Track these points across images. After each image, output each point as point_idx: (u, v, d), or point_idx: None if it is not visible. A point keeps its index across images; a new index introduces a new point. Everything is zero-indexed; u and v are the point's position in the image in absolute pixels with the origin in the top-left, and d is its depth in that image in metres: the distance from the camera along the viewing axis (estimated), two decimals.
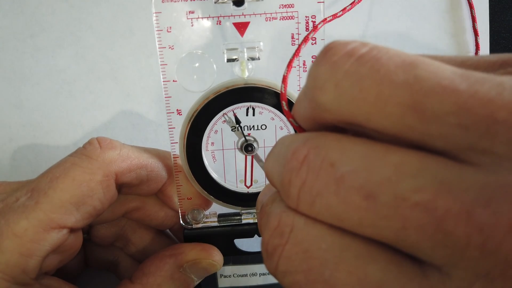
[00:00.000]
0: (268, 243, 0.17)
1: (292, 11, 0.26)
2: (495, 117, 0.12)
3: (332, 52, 0.15)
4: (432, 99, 0.13)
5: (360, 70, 0.14)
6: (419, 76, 0.13)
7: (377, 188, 0.14)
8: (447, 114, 0.13)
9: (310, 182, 0.15)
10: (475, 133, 0.13)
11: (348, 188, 0.14)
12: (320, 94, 0.15)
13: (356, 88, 0.14)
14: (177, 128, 0.28)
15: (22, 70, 0.38)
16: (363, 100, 0.14)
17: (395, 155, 0.14)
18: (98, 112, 0.38)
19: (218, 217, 0.31)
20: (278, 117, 0.28)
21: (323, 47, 0.16)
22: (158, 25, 0.26)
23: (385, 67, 0.14)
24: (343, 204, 0.14)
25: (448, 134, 0.13)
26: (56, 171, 0.26)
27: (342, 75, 0.14)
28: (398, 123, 0.14)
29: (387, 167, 0.14)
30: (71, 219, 0.25)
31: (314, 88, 0.15)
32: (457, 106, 0.13)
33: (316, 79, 0.15)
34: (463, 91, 0.13)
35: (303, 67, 0.27)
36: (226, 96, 0.27)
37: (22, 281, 0.24)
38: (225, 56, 0.27)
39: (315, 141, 0.15)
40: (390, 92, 0.14)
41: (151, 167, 0.29)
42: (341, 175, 0.14)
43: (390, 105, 0.14)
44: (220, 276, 0.32)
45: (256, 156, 0.29)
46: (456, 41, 0.40)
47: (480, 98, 0.12)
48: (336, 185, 0.14)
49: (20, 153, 0.39)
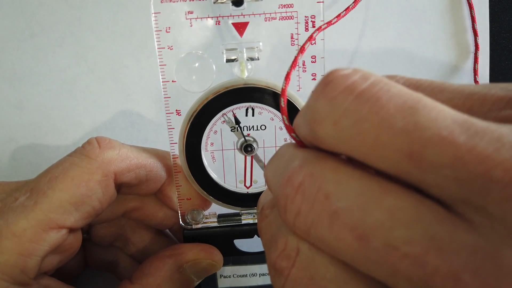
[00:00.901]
0: (275, 263, 0.17)
1: (291, 11, 0.26)
2: (490, 175, 0.12)
3: (332, 87, 0.15)
4: (430, 150, 0.13)
5: (360, 110, 0.14)
6: (418, 124, 0.13)
7: (370, 232, 0.14)
8: (444, 167, 0.13)
9: (304, 212, 0.15)
10: (470, 189, 0.12)
11: (341, 225, 0.14)
12: (319, 129, 0.15)
13: (354, 129, 0.14)
14: (177, 128, 0.28)
15: (22, 70, 0.38)
16: (361, 142, 0.14)
17: (391, 198, 0.14)
18: (98, 112, 0.38)
19: (217, 217, 0.31)
20: (277, 117, 0.28)
21: (323, 78, 0.15)
22: (157, 26, 0.26)
23: (385, 109, 0.14)
24: (336, 239, 0.14)
25: (444, 185, 0.13)
26: (55, 171, 0.26)
27: (341, 113, 0.14)
28: (395, 167, 0.14)
29: (381, 210, 0.14)
30: (70, 219, 0.25)
31: (313, 122, 0.15)
32: (454, 160, 0.13)
33: (315, 113, 0.15)
34: (461, 144, 0.13)
35: (303, 67, 0.27)
36: (225, 97, 0.27)
37: (21, 281, 0.24)
38: (224, 56, 0.27)
39: (311, 167, 0.15)
40: (389, 138, 0.13)
41: (150, 167, 0.29)
42: (335, 210, 0.14)
43: (388, 151, 0.14)
44: (220, 277, 0.32)
45: (256, 156, 0.29)
46: (456, 41, 0.39)
47: (477, 154, 0.12)
48: (330, 219, 0.14)
49: (20, 153, 0.39)
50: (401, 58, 0.39)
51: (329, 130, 0.15)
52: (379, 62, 0.39)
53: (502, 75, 0.40)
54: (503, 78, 0.40)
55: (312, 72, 0.27)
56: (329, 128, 0.15)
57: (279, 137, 0.29)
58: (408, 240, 0.13)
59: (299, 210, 0.15)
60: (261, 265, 0.31)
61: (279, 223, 0.18)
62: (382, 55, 0.39)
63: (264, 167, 0.29)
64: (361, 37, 0.39)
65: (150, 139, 0.39)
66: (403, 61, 0.40)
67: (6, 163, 0.39)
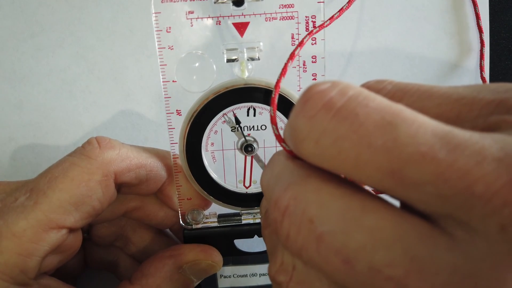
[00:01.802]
0: (274, 277, 0.17)
1: (292, 11, 0.26)
2: (472, 190, 0.12)
3: (310, 105, 0.15)
4: (410, 168, 0.13)
5: (338, 128, 0.14)
6: (397, 141, 0.13)
7: (354, 255, 0.14)
8: (426, 184, 0.13)
9: (293, 236, 0.15)
10: (453, 204, 0.12)
11: (327, 248, 0.14)
12: (301, 148, 0.15)
13: (335, 148, 0.14)
14: (177, 128, 0.28)
15: (22, 70, 0.38)
16: (343, 160, 0.14)
17: (371, 217, 0.14)
18: (98, 112, 0.38)
19: (218, 217, 0.31)
20: (278, 117, 0.28)
21: (302, 94, 0.15)
22: (157, 26, 0.26)
23: (363, 127, 0.14)
24: (325, 262, 0.14)
25: (427, 201, 0.13)
26: (55, 171, 0.26)
27: (320, 132, 0.15)
28: (378, 184, 0.14)
29: (362, 232, 0.14)
30: (70, 219, 0.25)
31: (295, 140, 0.16)
32: (435, 176, 0.13)
33: (297, 132, 0.15)
34: (441, 160, 0.13)
35: (303, 67, 0.27)
36: (226, 97, 0.27)
37: (21, 281, 0.24)
38: (225, 56, 0.27)
39: (295, 190, 0.16)
40: (369, 156, 0.14)
41: (150, 167, 0.29)
42: (320, 234, 0.14)
43: (369, 169, 0.14)
44: (220, 277, 0.32)
45: (256, 156, 0.29)
46: (456, 41, 0.39)
47: (458, 169, 0.12)
48: (317, 243, 0.15)
49: (20, 153, 0.39)
50: (401, 58, 0.39)
51: (311, 148, 0.15)
52: (379, 62, 0.39)
53: (502, 75, 0.40)
54: (503, 78, 0.40)
55: (313, 72, 0.27)
56: (311, 147, 0.15)
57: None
58: (390, 262, 0.13)
59: (288, 234, 0.15)
60: (261, 265, 0.31)
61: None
62: (382, 55, 0.39)
63: (264, 167, 0.29)
64: (361, 37, 0.39)
65: (150, 139, 0.39)
66: (403, 61, 0.40)
67: (6, 163, 0.39)
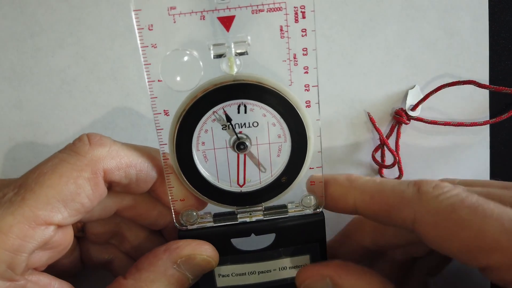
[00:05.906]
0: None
1: (279, 2, 0.25)
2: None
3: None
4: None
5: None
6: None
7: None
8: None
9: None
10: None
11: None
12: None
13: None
14: (166, 129, 0.27)
15: (22, 70, 0.38)
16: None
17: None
18: (98, 112, 0.39)
19: (213, 216, 0.30)
20: (269, 113, 0.28)
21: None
22: (138, 23, 0.25)
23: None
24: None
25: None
26: (44, 167, 0.26)
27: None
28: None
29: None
30: (58, 216, 0.25)
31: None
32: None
33: None
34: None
35: (294, 61, 0.26)
36: (214, 94, 0.27)
37: (8, 276, 0.24)
38: (212, 52, 0.26)
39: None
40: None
41: (140, 167, 0.28)
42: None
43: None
44: (218, 276, 0.32)
45: (250, 153, 0.29)
46: (456, 41, 0.39)
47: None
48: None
49: (20, 153, 0.39)
50: (401, 58, 0.39)
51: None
52: (379, 62, 0.39)
53: (502, 75, 0.40)
54: (503, 78, 0.40)
55: (304, 65, 0.26)
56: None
57: (272, 134, 0.28)
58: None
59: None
60: (259, 263, 0.31)
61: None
62: (382, 55, 0.39)
63: (258, 164, 0.29)
64: (361, 37, 0.39)
65: (150, 139, 0.39)
66: (403, 61, 0.39)
67: (6, 163, 0.39)
